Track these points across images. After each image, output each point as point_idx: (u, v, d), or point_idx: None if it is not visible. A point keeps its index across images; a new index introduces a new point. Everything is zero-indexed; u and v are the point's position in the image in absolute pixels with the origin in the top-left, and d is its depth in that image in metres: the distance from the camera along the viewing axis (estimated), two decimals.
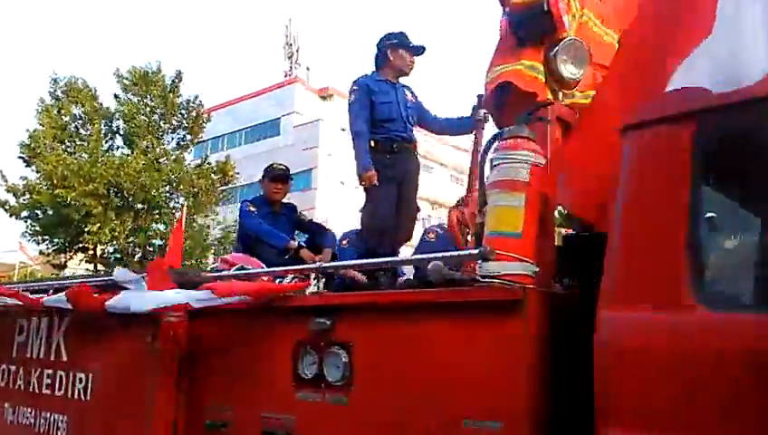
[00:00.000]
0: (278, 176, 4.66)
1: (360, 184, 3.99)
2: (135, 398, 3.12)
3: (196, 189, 25.57)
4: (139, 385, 3.11)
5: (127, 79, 25.00)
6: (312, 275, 2.81)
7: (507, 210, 2.19)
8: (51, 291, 3.84)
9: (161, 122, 25.74)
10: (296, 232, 4.75)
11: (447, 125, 4.40)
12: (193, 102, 26.31)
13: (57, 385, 3.59)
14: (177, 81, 25.87)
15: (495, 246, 2.15)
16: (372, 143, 4.03)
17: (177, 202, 26.72)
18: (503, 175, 2.23)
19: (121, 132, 25.61)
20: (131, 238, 25.02)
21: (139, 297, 3.02)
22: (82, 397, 3.41)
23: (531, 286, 2.11)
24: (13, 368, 3.99)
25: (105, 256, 25.30)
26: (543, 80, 2.56)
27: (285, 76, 43.68)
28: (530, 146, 2.25)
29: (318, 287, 2.68)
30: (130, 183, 23.46)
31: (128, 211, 24.57)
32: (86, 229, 23.31)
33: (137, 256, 25.55)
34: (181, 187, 25.54)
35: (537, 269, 2.15)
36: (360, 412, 2.43)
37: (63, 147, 24.04)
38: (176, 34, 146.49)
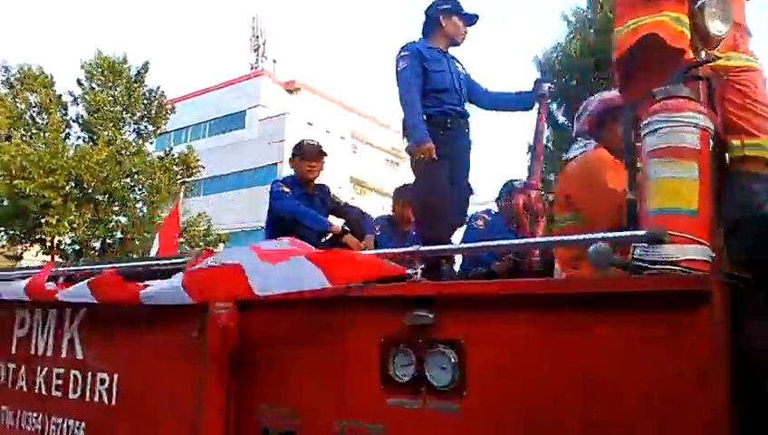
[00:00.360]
0: (312, 152, 4.21)
1: (418, 158, 3.58)
2: (176, 402, 2.67)
3: (157, 182, 25.25)
4: (181, 387, 2.66)
5: (93, 67, 24.65)
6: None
7: (677, 183, 1.81)
8: (60, 280, 3.37)
9: (123, 113, 25.35)
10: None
11: (503, 100, 4.00)
12: (155, 93, 25.98)
13: (71, 387, 3.10)
14: (142, 71, 25.56)
15: (666, 225, 1.79)
16: (424, 117, 3.64)
17: (139, 194, 26.52)
18: (665, 141, 1.85)
19: (80, 122, 25.13)
20: (91, 230, 24.70)
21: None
22: (105, 400, 2.93)
23: (715, 275, 1.75)
24: (12, 366, 3.49)
25: (62, 247, 24.79)
26: (689, 35, 2.20)
27: (251, 69, 43.08)
28: (695, 107, 1.89)
29: (417, 274, 2.27)
30: (91, 175, 23.00)
31: (87, 203, 24.23)
32: (44, 221, 22.66)
33: (96, 249, 25.23)
34: (142, 178, 25.23)
35: (714, 254, 1.80)
36: (474, 423, 2.04)
37: (20, 135, 23.52)
38: (141, 24, 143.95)
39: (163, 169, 25.72)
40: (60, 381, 3.17)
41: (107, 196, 24.76)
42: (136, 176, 25.37)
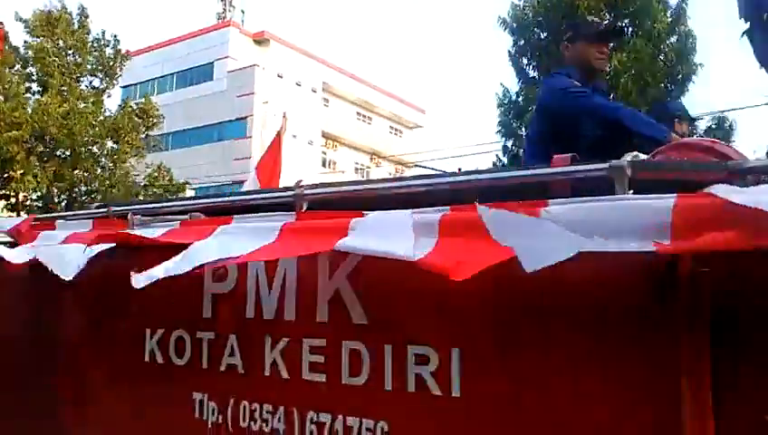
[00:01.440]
0: (604, 33, 3.09)
1: None
2: (611, 404, 1.64)
3: (121, 132, 24.80)
4: (617, 382, 1.63)
5: (31, 22, 24.02)
6: None
7: None
8: (304, 206, 2.29)
9: (75, 63, 24.77)
10: None
11: None
12: (103, 39, 25.21)
13: (347, 367, 2.02)
14: (82, 17, 24.85)
15: None
16: None
17: (100, 148, 25.93)
18: None
19: (34, 77, 24.67)
20: (55, 185, 23.97)
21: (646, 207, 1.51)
22: (434, 390, 1.84)
23: None
24: (208, 336, 2.40)
25: (27, 203, 23.94)
26: None
27: (219, 19, 41.35)
28: None
29: None
30: (57, 128, 22.64)
31: (51, 157, 23.56)
32: (7, 175, 22.36)
33: (61, 203, 24.19)
34: (100, 130, 24.48)
35: None
36: None
37: None
38: None
39: (125, 118, 24.99)
40: (320, 359, 2.10)
41: (70, 150, 23.98)
42: (95, 129, 24.47)
